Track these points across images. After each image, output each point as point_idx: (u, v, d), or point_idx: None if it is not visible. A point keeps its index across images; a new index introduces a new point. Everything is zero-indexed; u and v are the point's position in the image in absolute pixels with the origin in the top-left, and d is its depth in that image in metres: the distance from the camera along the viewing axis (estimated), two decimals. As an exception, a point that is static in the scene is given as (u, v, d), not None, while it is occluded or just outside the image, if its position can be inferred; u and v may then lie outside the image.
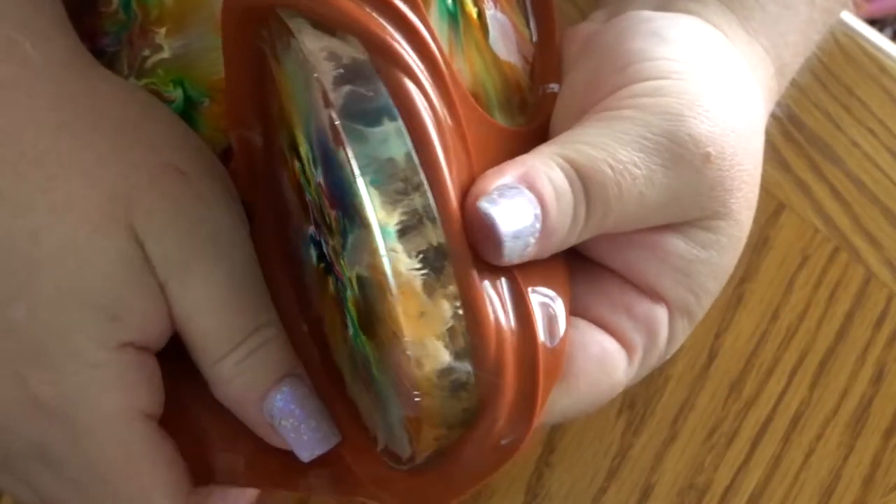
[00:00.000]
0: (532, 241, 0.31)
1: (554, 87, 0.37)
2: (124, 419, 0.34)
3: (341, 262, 0.33)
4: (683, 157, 0.33)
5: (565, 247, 0.33)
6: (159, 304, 0.35)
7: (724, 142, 0.34)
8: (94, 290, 0.34)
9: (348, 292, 0.33)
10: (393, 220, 0.30)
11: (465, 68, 0.34)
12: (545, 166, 0.32)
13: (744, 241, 0.36)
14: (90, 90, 0.36)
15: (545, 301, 0.32)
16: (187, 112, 0.39)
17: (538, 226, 0.31)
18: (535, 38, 0.38)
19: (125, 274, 0.34)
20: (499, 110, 0.35)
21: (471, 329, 0.31)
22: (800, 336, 0.45)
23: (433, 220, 0.30)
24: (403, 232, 0.30)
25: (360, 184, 0.30)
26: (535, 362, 0.31)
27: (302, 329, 0.37)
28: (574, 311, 0.34)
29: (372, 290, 0.31)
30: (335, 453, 0.36)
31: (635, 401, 0.44)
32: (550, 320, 0.32)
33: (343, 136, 0.30)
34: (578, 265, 0.34)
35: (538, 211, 0.31)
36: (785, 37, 0.39)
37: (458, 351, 0.31)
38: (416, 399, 0.31)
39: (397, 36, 0.31)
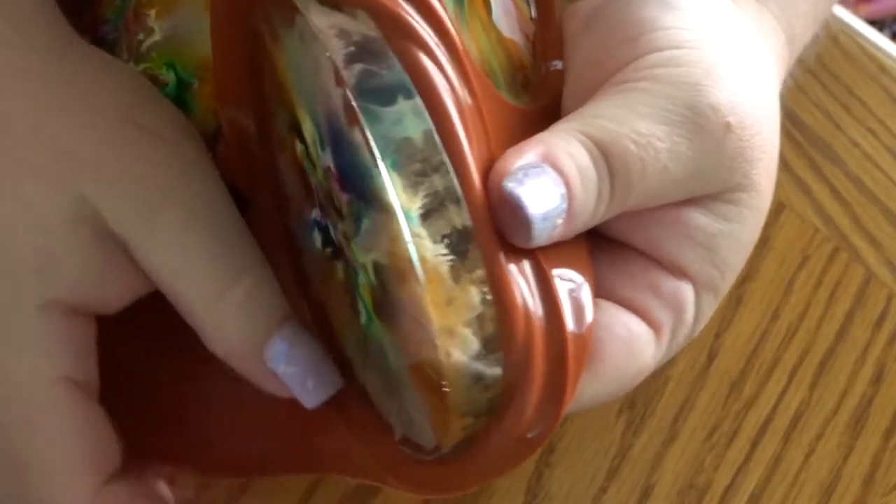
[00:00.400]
0: (559, 221, 0.30)
1: (557, 64, 0.36)
2: (39, 381, 0.32)
3: (353, 247, 0.32)
4: (704, 127, 0.32)
5: (589, 227, 0.32)
6: (107, 263, 0.33)
7: (742, 110, 0.33)
8: (23, 243, 0.32)
9: (361, 278, 0.32)
10: (416, 205, 0.29)
11: (471, 46, 0.33)
12: (566, 143, 0.31)
13: (765, 212, 0.35)
14: (67, 66, 0.35)
15: (570, 285, 0.31)
16: (180, 95, 0.38)
17: (564, 206, 0.30)
18: (534, 14, 0.37)
19: (62, 230, 0.32)
20: (505, 88, 0.34)
21: (500, 314, 0.30)
22: (800, 336, 0.45)
23: (456, 202, 0.29)
24: (426, 216, 0.29)
25: (382, 167, 0.28)
26: (563, 350, 0.30)
27: (305, 316, 0.36)
28: (598, 292, 0.33)
29: (391, 276, 0.30)
30: (346, 436, 0.35)
31: (635, 401, 0.44)
32: (577, 305, 0.31)
33: (360, 116, 0.29)
34: (599, 244, 0.33)
35: (564, 190, 0.30)
36: (796, 6, 0.38)
37: (486, 337, 0.30)
38: (445, 389, 0.30)
39: (409, 9, 0.30)
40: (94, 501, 0.33)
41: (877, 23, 1.20)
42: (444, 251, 0.29)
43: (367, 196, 0.30)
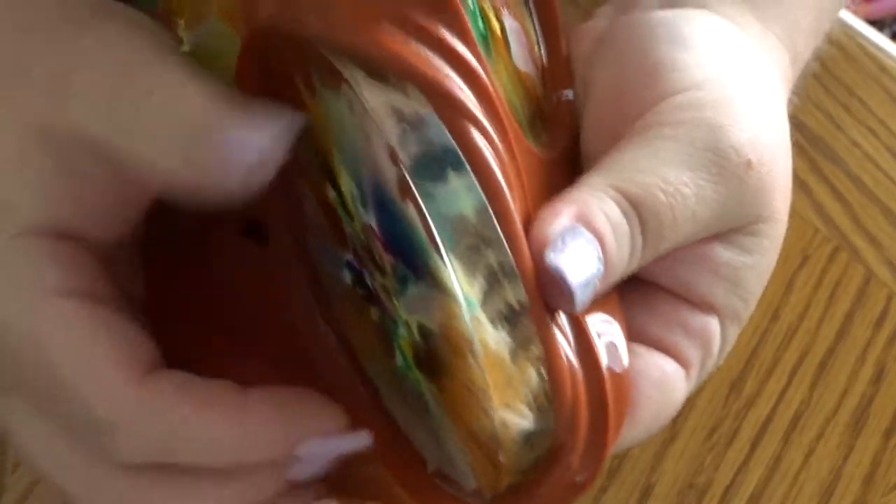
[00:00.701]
0: (598, 283, 0.31)
1: (567, 93, 0.36)
2: (31, 302, 0.31)
3: (395, 302, 0.31)
4: (727, 168, 0.33)
5: (624, 277, 0.33)
6: (75, 181, 0.32)
7: (761, 145, 0.34)
8: None
9: (401, 330, 0.32)
10: (475, 290, 0.29)
11: (499, 88, 0.34)
12: (598, 200, 0.32)
13: (782, 236, 0.36)
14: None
15: (605, 331, 0.32)
16: None
17: (602, 268, 0.31)
18: (539, 38, 0.37)
19: (21, 157, 0.31)
20: (526, 127, 0.35)
21: (553, 389, 0.30)
22: (800, 336, 0.45)
23: (509, 278, 0.29)
24: (485, 298, 0.29)
25: (446, 258, 0.29)
26: (603, 398, 0.31)
27: (318, 323, 0.36)
28: (630, 334, 0.33)
29: (442, 344, 0.30)
30: (372, 456, 0.35)
31: (635, 400, 0.44)
32: (613, 352, 0.32)
33: (420, 201, 0.29)
34: (627, 284, 0.34)
35: (600, 253, 0.31)
36: (799, 23, 0.39)
37: (540, 408, 0.30)
38: (500, 459, 0.31)
39: (457, 80, 0.30)
40: (139, 391, 0.31)
41: (877, 23, 1.20)
42: (504, 336, 0.29)
43: (419, 269, 0.30)
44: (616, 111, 0.35)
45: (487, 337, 0.29)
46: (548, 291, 0.30)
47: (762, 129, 0.34)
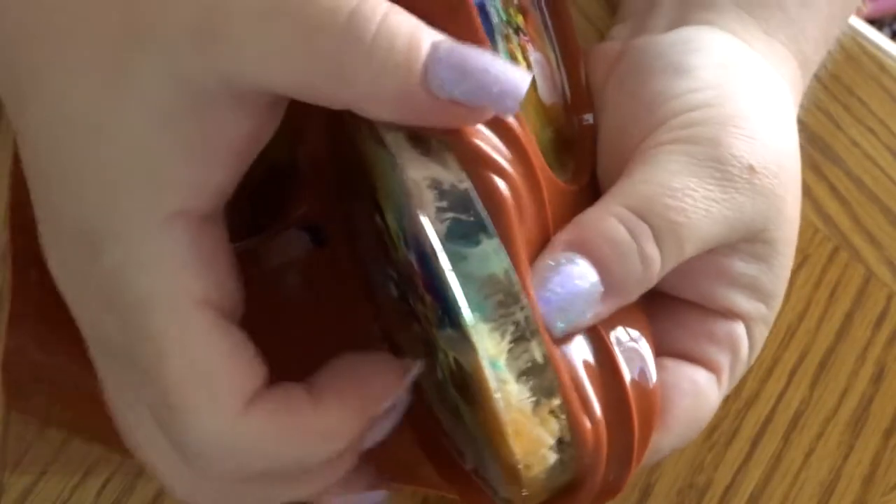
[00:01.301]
0: (598, 301, 0.32)
1: (588, 118, 0.38)
2: (170, 304, 0.29)
3: (434, 332, 0.32)
4: (731, 172, 0.34)
5: (649, 287, 0.33)
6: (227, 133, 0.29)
7: (764, 152, 0.35)
8: (122, 155, 0.29)
9: (440, 355, 0.32)
10: (502, 352, 0.30)
11: (528, 129, 0.34)
12: (598, 221, 0.33)
13: (796, 237, 0.37)
14: None
15: (631, 346, 0.33)
16: None
17: (598, 287, 0.32)
18: (560, 63, 0.38)
19: (166, 121, 0.29)
20: (554, 161, 0.36)
21: (574, 438, 0.31)
22: (800, 336, 0.45)
23: (534, 335, 0.30)
24: (510, 357, 0.30)
25: (468, 320, 0.30)
26: (629, 418, 0.32)
27: (372, 327, 0.37)
28: (659, 348, 0.34)
29: (472, 381, 0.31)
30: (410, 448, 0.36)
31: (635, 400, 0.44)
32: (640, 366, 0.33)
33: (448, 266, 0.30)
34: (654, 300, 0.35)
35: (593, 274, 0.32)
36: (805, 32, 0.40)
37: (562, 449, 0.31)
38: (524, 493, 0.32)
39: (493, 139, 0.31)
40: (236, 422, 0.30)
41: (876, 22, 1.20)
42: (528, 395, 0.30)
43: (453, 320, 0.30)
44: (623, 138, 0.36)
45: (512, 399, 0.30)
46: (545, 319, 0.31)
47: (764, 138, 0.35)
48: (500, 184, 0.31)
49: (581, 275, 0.32)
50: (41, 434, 0.41)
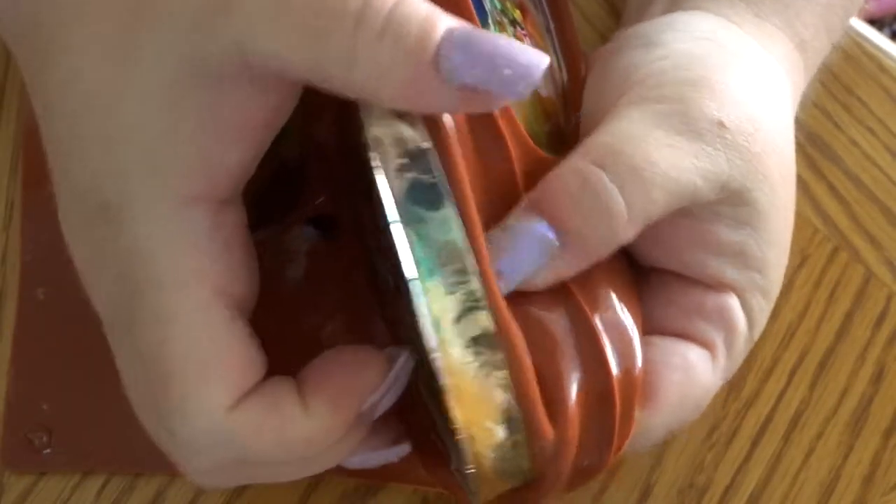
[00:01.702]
0: (558, 256, 0.31)
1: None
2: (180, 287, 0.29)
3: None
4: (699, 125, 0.33)
5: (619, 242, 0.32)
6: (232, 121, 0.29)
7: (736, 111, 0.33)
8: (132, 135, 0.29)
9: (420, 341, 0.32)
10: (446, 312, 0.29)
11: (518, 118, 0.34)
12: (554, 176, 0.32)
13: (789, 201, 0.36)
14: None
15: (615, 322, 0.32)
16: None
17: (555, 242, 0.31)
18: (561, 63, 0.38)
19: (174, 100, 0.28)
20: (548, 151, 0.35)
21: (524, 415, 0.31)
22: (800, 336, 0.45)
23: (487, 302, 0.30)
24: (461, 324, 0.30)
25: (409, 275, 0.29)
26: (610, 395, 0.31)
27: (377, 320, 0.37)
28: (647, 327, 0.33)
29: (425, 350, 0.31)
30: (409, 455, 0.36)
31: (635, 400, 0.44)
32: (623, 344, 0.32)
33: (393, 224, 0.29)
34: (638, 277, 0.34)
35: (548, 231, 0.31)
36: (801, 17, 0.39)
37: (513, 428, 0.31)
38: (471, 470, 0.31)
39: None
40: (224, 417, 0.30)
41: (876, 22, 1.20)
42: (471, 358, 0.30)
43: (405, 288, 0.30)
44: (596, 111, 0.36)
45: (452, 356, 0.29)
46: (496, 276, 0.30)
47: (738, 99, 0.34)
48: (457, 148, 0.30)
49: (531, 230, 0.31)
50: (41, 434, 0.41)
